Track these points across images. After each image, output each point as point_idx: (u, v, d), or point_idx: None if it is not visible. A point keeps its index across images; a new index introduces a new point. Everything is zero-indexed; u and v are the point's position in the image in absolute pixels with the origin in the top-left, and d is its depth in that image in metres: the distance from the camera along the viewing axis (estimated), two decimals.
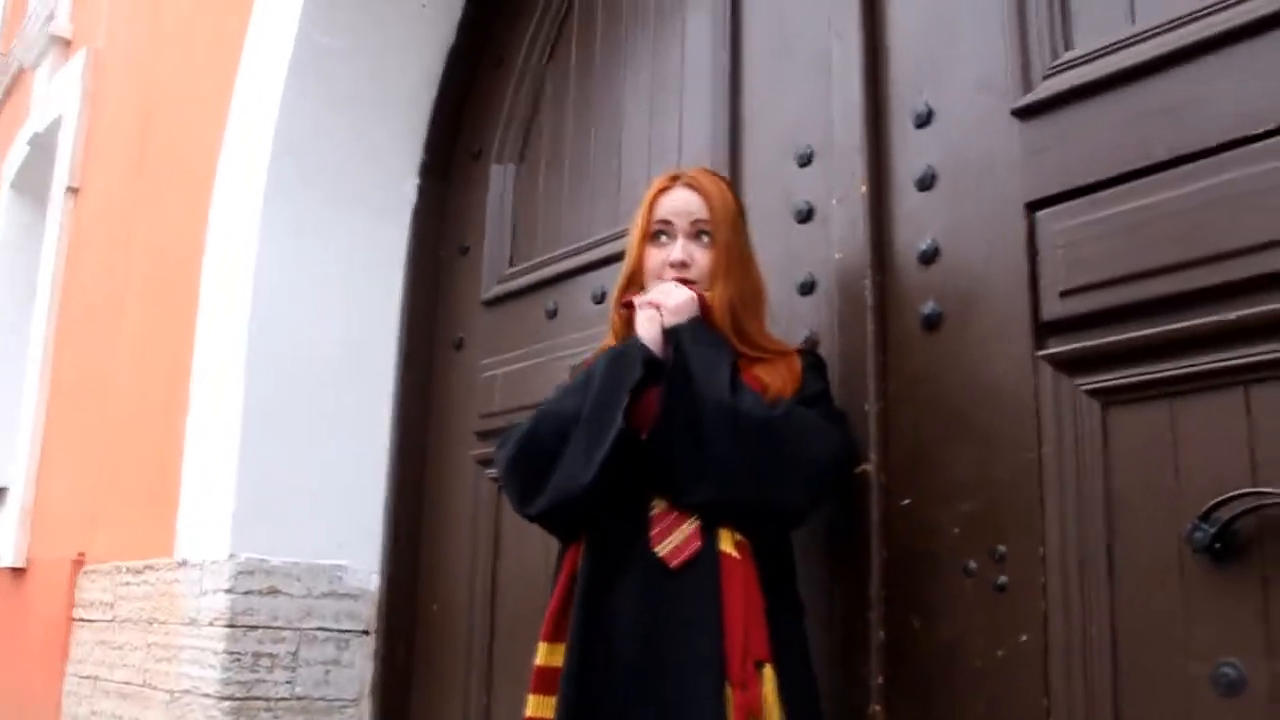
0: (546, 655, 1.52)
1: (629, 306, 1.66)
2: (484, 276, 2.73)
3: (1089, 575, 1.40)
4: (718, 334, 1.58)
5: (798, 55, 1.97)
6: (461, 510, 2.64)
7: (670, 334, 1.55)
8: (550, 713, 1.47)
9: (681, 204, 1.67)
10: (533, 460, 1.56)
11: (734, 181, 1.97)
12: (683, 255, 1.64)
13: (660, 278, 1.65)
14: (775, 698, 1.41)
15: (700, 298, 1.61)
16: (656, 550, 1.46)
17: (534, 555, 2.33)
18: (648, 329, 1.58)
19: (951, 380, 1.60)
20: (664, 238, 1.67)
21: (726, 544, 1.47)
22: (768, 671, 1.41)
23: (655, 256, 1.67)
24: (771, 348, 1.65)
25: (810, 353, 1.71)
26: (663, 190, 1.70)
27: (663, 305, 1.58)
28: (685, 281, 1.63)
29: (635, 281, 1.69)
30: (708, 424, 1.46)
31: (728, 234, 1.66)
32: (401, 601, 2.72)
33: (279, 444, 2.67)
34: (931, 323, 1.64)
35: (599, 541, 1.53)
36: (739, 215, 1.71)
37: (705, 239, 1.66)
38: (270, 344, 2.70)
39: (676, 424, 1.48)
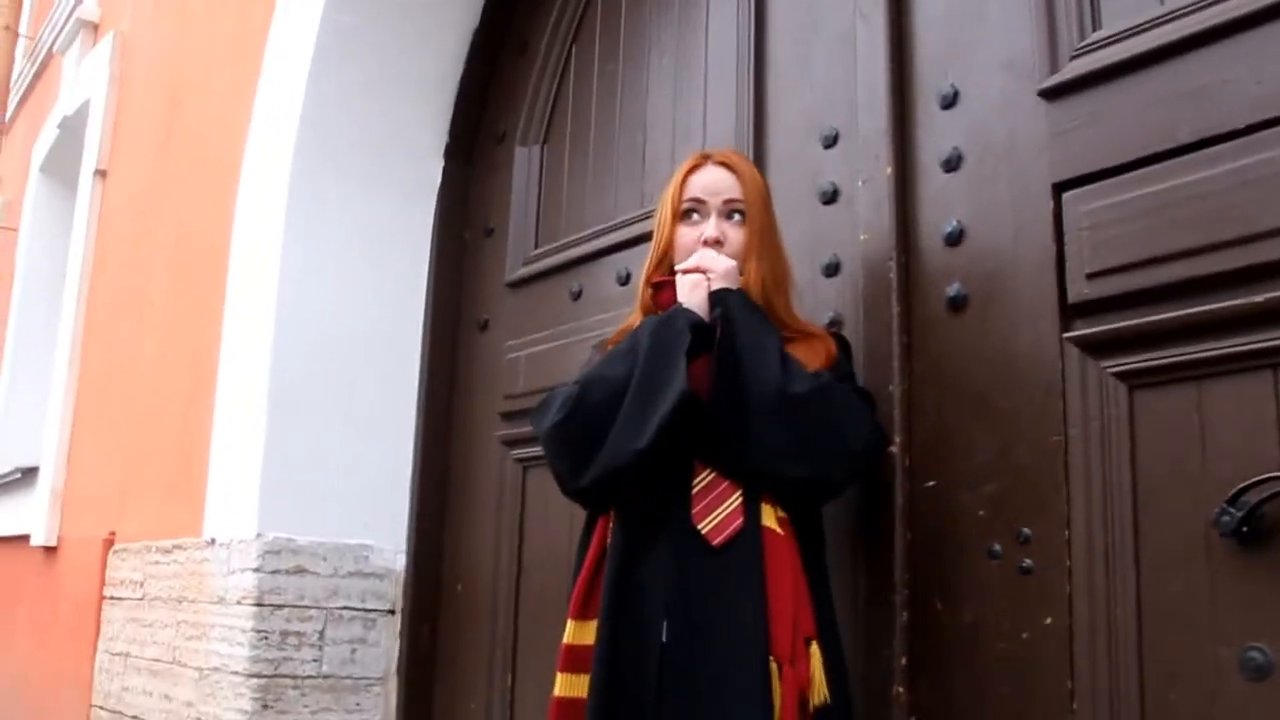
0: (575, 633, 1.49)
1: (659, 286, 1.65)
2: (509, 258, 2.73)
3: (1115, 558, 1.39)
4: (753, 302, 1.58)
5: (823, 36, 1.96)
6: (486, 490, 2.66)
7: (717, 299, 1.54)
8: (580, 691, 1.45)
9: (714, 182, 1.66)
10: (584, 428, 1.50)
11: (758, 163, 1.96)
12: (716, 233, 1.62)
13: (689, 255, 1.63)
14: (823, 674, 1.40)
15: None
16: (699, 527, 1.44)
17: (558, 535, 2.35)
18: (692, 295, 1.56)
19: (977, 362, 1.60)
20: (695, 216, 1.66)
21: (770, 520, 1.45)
22: (815, 648, 1.41)
23: (687, 235, 1.65)
24: (800, 328, 1.64)
25: (838, 337, 1.69)
26: (694, 168, 1.68)
27: (710, 269, 1.57)
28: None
29: (666, 261, 1.66)
30: (760, 393, 1.44)
31: (760, 213, 1.65)
32: (427, 581, 2.74)
33: (305, 424, 2.69)
34: (957, 304, 1.64)
35: (633, 514, 1.50)
36: (768, 195, 1.71)
37: (738, 218, 1.64)
38: (297, 325, 2.72)
39: (731, 391, 1.46)
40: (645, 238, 2.06)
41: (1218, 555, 1.29)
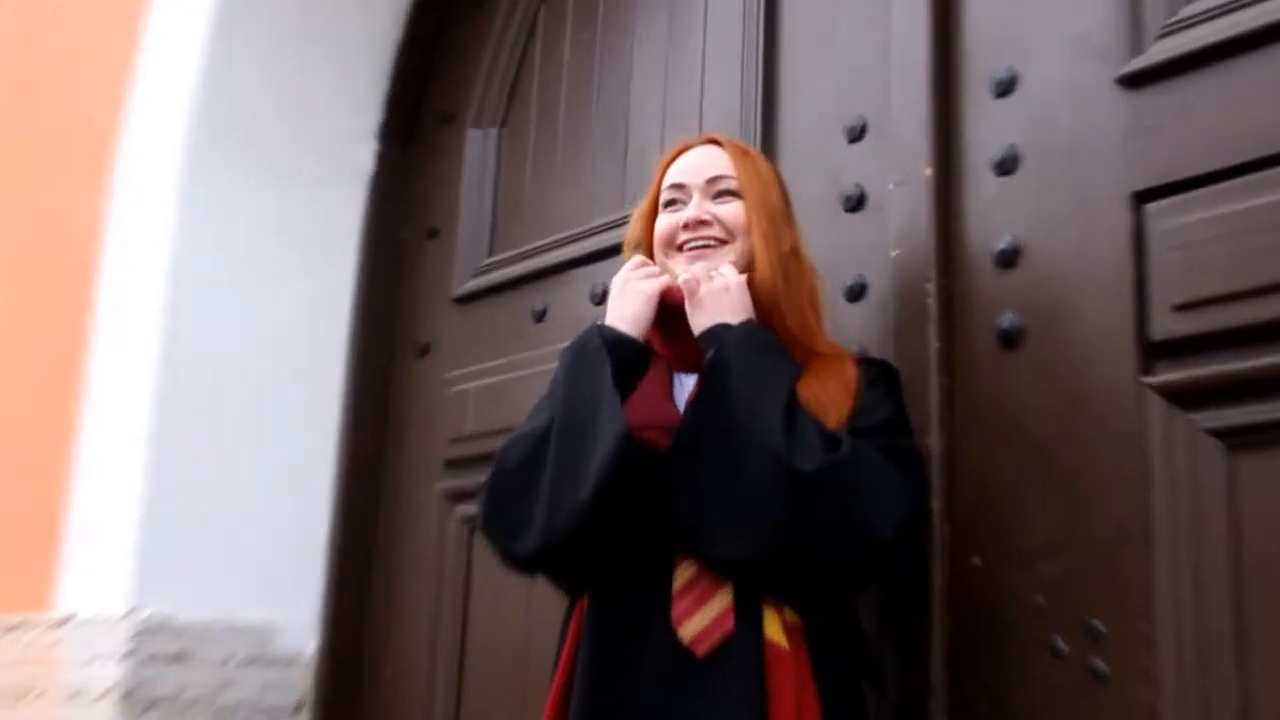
0: None
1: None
2: (457, 267, 2.72)
3: (1213, 661, 1.37)
4: (775, 337, 1.53)
5: (850, 4, 1.97)
6: (423, 555, 2.64)
7: (712, 336, 1.51)
8: None
9: (698, 161, 1.66)
10: (509, 495, 1.53)
11: (768, 158, 1.93)
12: (697, 212, 1.62)
13: (671, 247, 1.64)
14: None
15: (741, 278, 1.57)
16: (680, 633, 1.41)
17: (513, 609, 2.32)
18: (622, 303, 1.56)
19: (1034, 411, 1.59)
20: (678, 204, 1.66)
21: (773, 629, 1.41)
22: None
23: (667, 221, 1.65)
24: (823, 348, 1.60)
25: (876, 363, 1.66)
26: (679, 153, 1.70)
27: (699, 289, 1.54)
28: (708, 248, 1.61)
29: (642, 240, 1.69)
30: (748, 461, 1.41)
31: (763, 192, 1.64)
32: (346, 669, 2.71)
33: (195, 470, 2.65)
34: (1010, 339, 1.64)
35: (606, 614, 1.48)
36: (777, 178, 1.69)
37: (729, 199, 1.64)
38: (188, 347, 2.69)
39: (705, 449, 1.43)
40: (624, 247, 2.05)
41: None
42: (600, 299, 2.31)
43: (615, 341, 1.53)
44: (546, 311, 2.46)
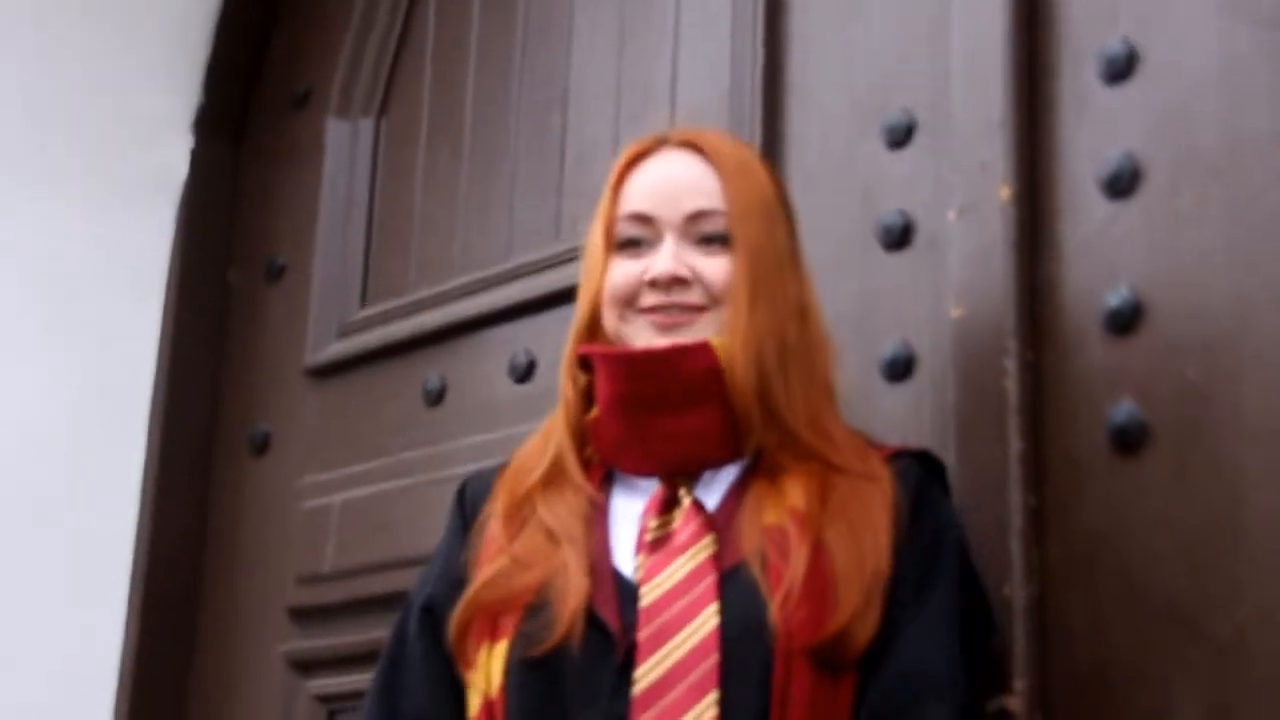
0: None
1: (586, 363, 1.64)
2: (313, 322, 2.72)
3: None
4: None
5: None
6: None
7: None
8: None
9: (674, 181, 1.68)
10: None
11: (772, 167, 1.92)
12: (673, 265, 1.63)
13: (631, 306, 1.66)
14: None
15: (709, 356, 1.58)
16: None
17: None
18: None
19: (1167, 550, 1.59)
20: (642, 245, 1.68)
21: None
22: None
23: (624, 272, 1.67)
24: (843, 462, 1.59)
25: (924, 456, 1.66)
26: (639, 158, 1.72)
27: None
28: (686, 308, 1.63)
29: (595, 321, 1.69)
30: None
31: (762, 230, 1.65)
32: None
33: None
34: (1128, 440, 1.64)
35: None
36: (782, 201, 1.69)
37: (718, 248, 1.65)
38: None
39: None
40: (561, 297, 2.10)
41: None
42: (525, 373, 2.31)
43: None
44: (444, 391, 2.45)
